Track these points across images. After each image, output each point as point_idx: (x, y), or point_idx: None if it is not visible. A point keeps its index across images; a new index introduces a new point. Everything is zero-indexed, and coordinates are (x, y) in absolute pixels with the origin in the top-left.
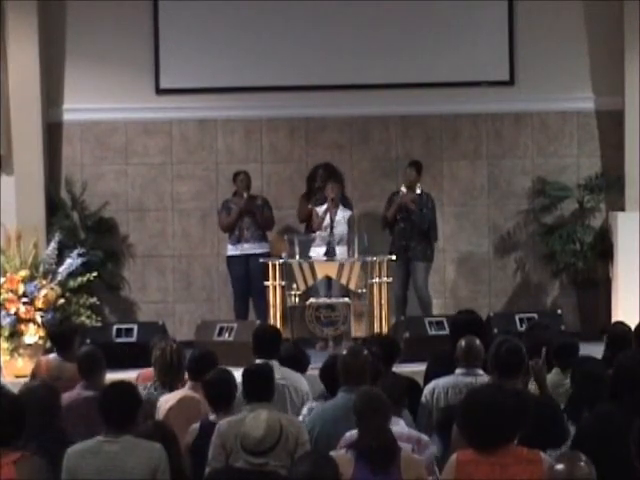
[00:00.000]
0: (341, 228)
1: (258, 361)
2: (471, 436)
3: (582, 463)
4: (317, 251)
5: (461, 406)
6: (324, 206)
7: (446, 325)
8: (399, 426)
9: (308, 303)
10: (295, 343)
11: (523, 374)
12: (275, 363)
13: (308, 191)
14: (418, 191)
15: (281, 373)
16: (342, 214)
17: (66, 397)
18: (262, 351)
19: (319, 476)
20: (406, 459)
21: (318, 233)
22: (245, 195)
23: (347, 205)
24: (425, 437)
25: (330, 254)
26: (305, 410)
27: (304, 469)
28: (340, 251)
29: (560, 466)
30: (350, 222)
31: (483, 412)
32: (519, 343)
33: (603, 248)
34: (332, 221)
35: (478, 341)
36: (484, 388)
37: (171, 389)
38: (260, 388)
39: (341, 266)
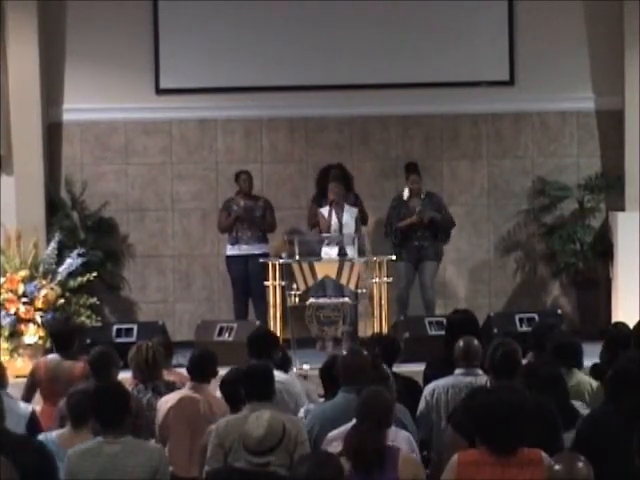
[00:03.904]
0: (349, 227)
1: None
2: (492, 438)
3: (581, 463)
4: (328, 252)
5: (480, 407)
6: (328, 207)
7: None
8: None
9: (308, 303)
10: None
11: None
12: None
13: (318, 193)
14: (423, 191)
15: (274, 375)
16: (349, 214)
17: None
18: (255, 354)
19: (322, 475)
20: (404, 459)
21: (326, 235)
22: (242, 203)
23: (355, 204)
24: (403, 433)
25: (342, 255)
26: (302, 412)
27: (306, 468)
28: (350, 251)
29: (559, 466)
30: (357, 220)
31: (510, 414)
32: (515, 345)
33: (603, 248)
34: (340, 222)
35: (476, 341)
36: (503, 390)
37: (151, 388)
38: (260, 387)
39: (341, 266)
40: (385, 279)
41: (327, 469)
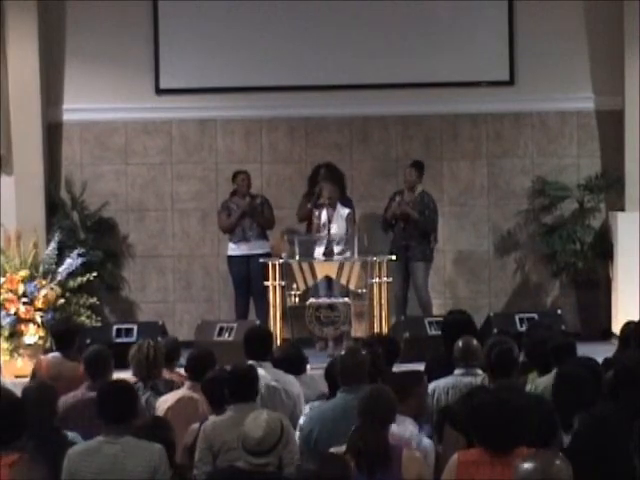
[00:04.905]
0: (340, 227)
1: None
2: (490, 437)
3: (558, 461)
4: (317, 251)
5: (478, 407)
6: (322, 208)
7: None
8: (401, 427)
9: (308, 303)
10: (293, 343)
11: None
12: (267, 365)
13: (309, 191)
14: (419, 189)
15: (273, 375)
16: (340, 213)
17: (70, 397)
18: (253, 353)
19: (328, 475)
20: (407, 458)
21: (318, 234)
22: (247, 199)
23: (346, 204)
24: (426, 440)
25: (328, 254)
26: (307, 409)
27: (313, 468)
28: (339, 250)
29: (532, 465)
30: (348, 220)
31: (507, 414)
32: (511, 343)
33: (603, 248)
34: (329, 221)
35: (475, 341)
36: (501, 389)
37: (150, 387)
38: (244, 388)
39: (341, 266)
40: (385, 279)
41: (335, 468)
